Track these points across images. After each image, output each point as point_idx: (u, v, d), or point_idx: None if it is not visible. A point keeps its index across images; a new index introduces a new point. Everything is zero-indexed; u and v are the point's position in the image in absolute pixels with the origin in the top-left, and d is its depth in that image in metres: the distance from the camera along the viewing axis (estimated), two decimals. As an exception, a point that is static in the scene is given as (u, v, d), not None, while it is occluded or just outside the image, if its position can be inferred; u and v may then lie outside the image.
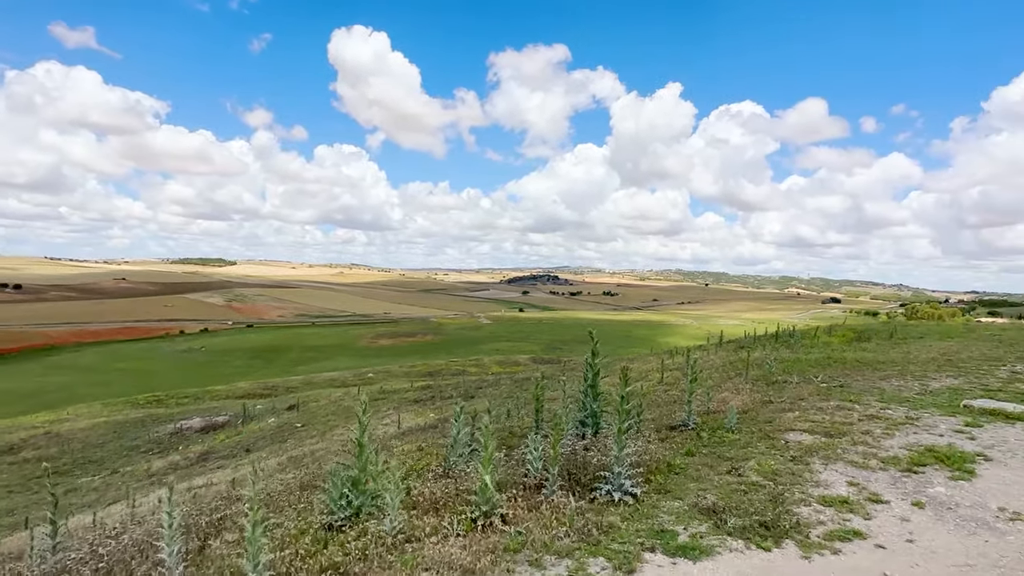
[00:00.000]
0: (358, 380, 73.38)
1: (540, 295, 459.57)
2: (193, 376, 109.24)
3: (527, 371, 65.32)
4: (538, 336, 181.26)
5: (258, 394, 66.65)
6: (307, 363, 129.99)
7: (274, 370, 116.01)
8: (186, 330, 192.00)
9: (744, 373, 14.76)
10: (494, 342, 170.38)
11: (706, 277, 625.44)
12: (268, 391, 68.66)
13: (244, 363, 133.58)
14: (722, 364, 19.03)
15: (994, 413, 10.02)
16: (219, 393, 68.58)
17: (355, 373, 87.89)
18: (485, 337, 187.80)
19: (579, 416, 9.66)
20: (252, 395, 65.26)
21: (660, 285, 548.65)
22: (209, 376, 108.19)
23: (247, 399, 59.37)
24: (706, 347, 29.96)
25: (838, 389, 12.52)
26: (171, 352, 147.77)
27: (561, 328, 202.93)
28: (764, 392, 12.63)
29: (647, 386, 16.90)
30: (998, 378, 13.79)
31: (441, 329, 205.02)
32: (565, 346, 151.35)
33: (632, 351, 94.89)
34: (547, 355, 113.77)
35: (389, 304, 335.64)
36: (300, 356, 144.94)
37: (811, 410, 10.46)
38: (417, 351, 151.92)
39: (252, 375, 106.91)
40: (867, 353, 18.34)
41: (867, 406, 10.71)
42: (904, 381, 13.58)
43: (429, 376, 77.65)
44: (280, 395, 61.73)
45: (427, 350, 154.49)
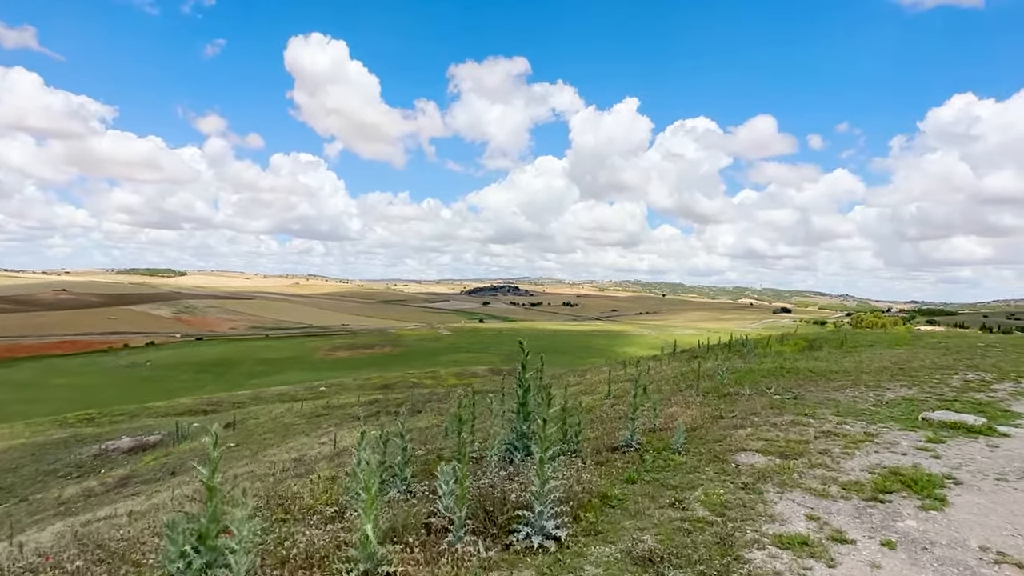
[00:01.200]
0: (309, 394, 70.52)
1: (501, 306, 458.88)
2: (135, 392, 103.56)
3: (485, 383, 63.94)
4: (498, 347, 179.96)
5: (201, 410, 63.20)
6: (260, 377, 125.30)
7: (224, 385, 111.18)
8: (131, 343, 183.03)
9: (695, 385, 13.92)
10: (454, 353, 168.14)
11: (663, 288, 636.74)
12: (212, 407, 65.23)
13: (192, 378, 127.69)
14: (673, 375, 18.22)
15: (955, 427, 9.34)
16: (158, 410, 64.75)
17: (307, 387, 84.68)
18: (445, 348, 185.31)
19: (509, 439, 8.50)
20: (195, 411, 61.82)
21: (619, 296, 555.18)
22: (152, 392, 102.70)
23: (189, 416, 56.09)
24: (659, 357, 29.35)
25: (792, 401, 11.75)
26: (113, 367, 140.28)
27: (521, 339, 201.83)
28: (715, 406, 11.75)
29: (594, 400, 15.89)
30: (952, 387, 13.32)
31: (400, 341, 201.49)
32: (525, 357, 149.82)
33: (591, 361, 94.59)
34: (506, 366, 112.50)
35: (347, 315, 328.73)
36: (252, 370, 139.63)
37: (764, 426, 9.58)
38: (375, 363, 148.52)
39: (200, 390, 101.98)
40: (819, 362, 17.83)
41: (823, 420, 9.91)
42: (858, 392, 12.95)
43: (384, 389, 75.40)
44: (225, 411, 58.67)
45: (385, 362, 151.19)
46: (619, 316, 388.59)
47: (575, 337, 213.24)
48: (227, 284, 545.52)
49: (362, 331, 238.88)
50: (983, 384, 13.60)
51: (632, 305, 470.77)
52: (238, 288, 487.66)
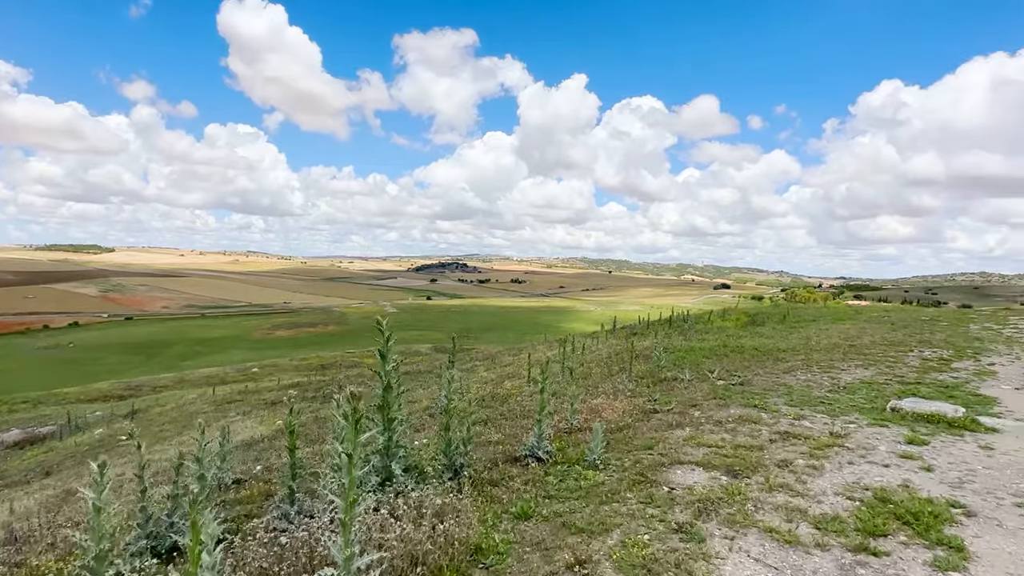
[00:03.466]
0: (240, 376, 66.17)
1: (449, 283, 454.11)
2: (52, 377, 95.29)
3: (428, 361, 61.44)
4: (445, 324, 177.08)
5: (117, 395, 58.16)
6: (194, 358, 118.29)
7: (154, 367, 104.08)
8: (52, 324, 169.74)
9: (629, 368, 11.97)
10: (400, 331, 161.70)
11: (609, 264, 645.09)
12: (131, 392, 60.14)
13: (119, 360, 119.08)
14: (608, 356, 16.31)
15: (932, 420, 7.63)
16: (68, 396, 59.17)
17: (239, 368, 79.81)
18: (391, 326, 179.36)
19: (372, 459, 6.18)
20: (109, 397, 56.75)
21: (566, 272, 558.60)
22: (73, 376, 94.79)
23: (101, 403, 51.23)
24: (598, 334, 27.62)
25: (738, 389, 9.89)
26: (30, 349, 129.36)
27: (469, 316, 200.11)
28: (648, 395, 9.76)
29: (515, 386, 13.76)
30: (910, 367, 11.85)
31: (344, 319, 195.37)
32: (472, 334, 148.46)
33: (538, 337, 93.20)
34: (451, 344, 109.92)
35: (289, 293, 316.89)
36: (187, 351, 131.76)
37: (707, 424, 7.60)
38: (317, 342, 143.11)
39: (127, 373, 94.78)
40: (764, 339, 16.29)
41: (777, 415, 8.04)
42: (811, 374, 11.28)
43: (320, 370, 71.71)
44: (145, 395, 54.12)
45: (328, 341, 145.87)
46: (566, 293, 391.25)
47: (522, 313, 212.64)
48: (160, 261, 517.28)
49: (304, 309, 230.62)
50: (943, 363, 12.21)
51: (579, 282, 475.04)
52: (172, 265, 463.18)
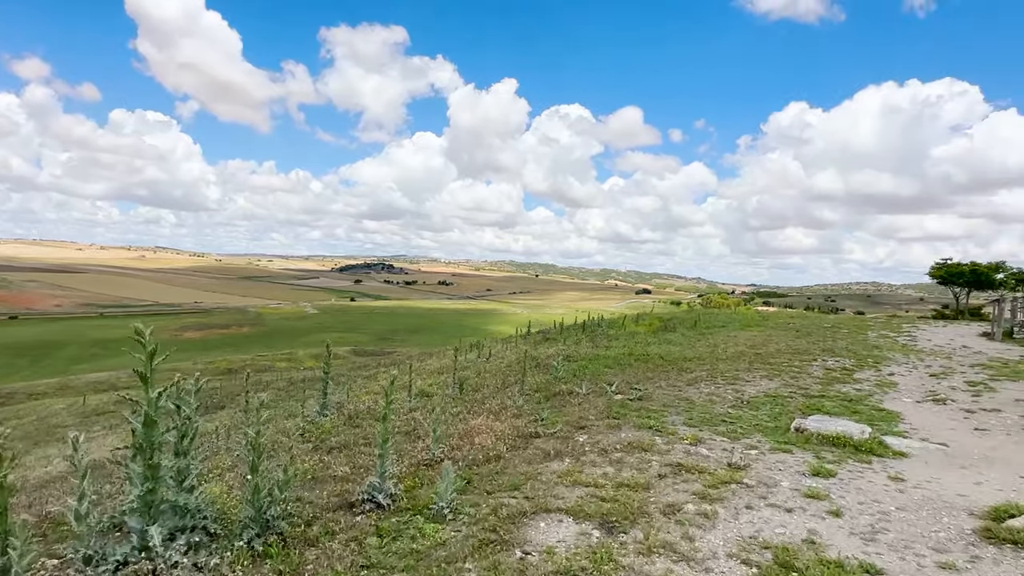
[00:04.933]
0: (133, 382, 60.29)
1: (374, 284, 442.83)
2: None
3: (346, 364, 58.53)
4: (369, 326, 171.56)
5: (-20, 405, 51.33)
6: (89, 361, 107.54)
7: (41, 371, 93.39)
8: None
9: (522, 381, 10.72)
10: (320, 333, 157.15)
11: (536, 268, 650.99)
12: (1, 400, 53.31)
13: (3, 363, 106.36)
14: (510, 364, 15.09)
15: (838, 442, 6.81)
16: (-82, 407, 51.69)
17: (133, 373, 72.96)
18: (311, 328, 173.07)
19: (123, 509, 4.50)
20: (-30, 406, 49.94)
21: (494, 275, 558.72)
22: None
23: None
24: (511, 339, 26.46)
25: (635, 405, 8.85)
26: None
27: (394, 317, 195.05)
28: (536, 413, 8.53)
29: (399, 400, 12.19)
30: (815, 378, 11.32)
31: (261, 320, 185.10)
32: (397, 336, 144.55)
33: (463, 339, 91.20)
34: (375, 346, 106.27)
35: (201, 292, 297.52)
36: (80, 353, 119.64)
37: (591, 454, 6.41)
38: (230, 344, 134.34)
39: (8, 378, 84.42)
40: (672, 346, 15.61)
41: (672, 438, 6.98)
42: (715, 386, 10.46)
43: (227, 374, 66.83)
44: (18, 403, 48.03)
45: (242, 343, 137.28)
46: (494, 295, 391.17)
47: (448, 316, 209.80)
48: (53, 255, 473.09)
49: (218, 309, 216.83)
50: (845, 373, 11.80)
51: (507, 285, 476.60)
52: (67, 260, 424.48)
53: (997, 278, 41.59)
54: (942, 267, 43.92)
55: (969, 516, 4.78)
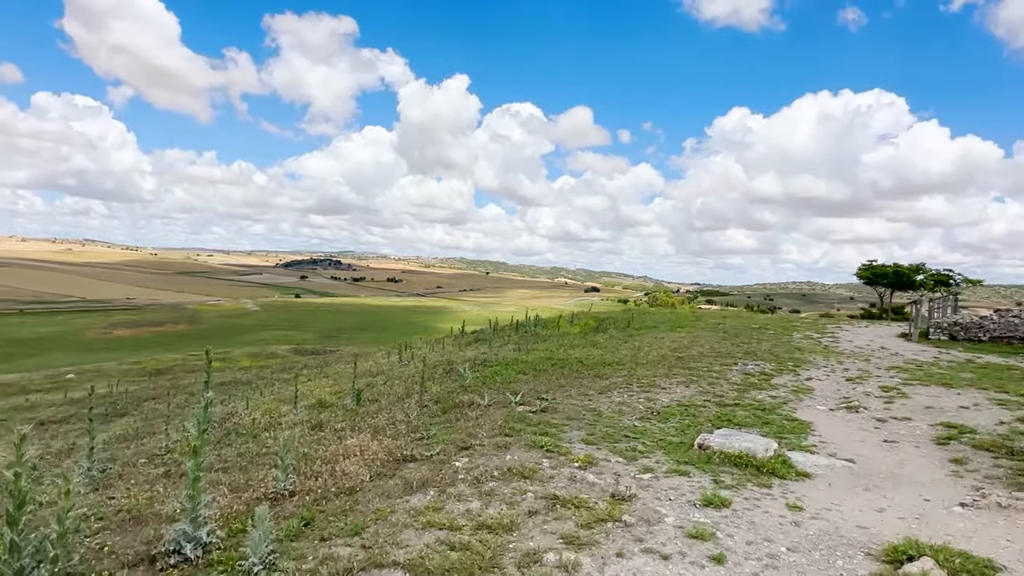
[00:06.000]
0: (48, 384, 55.49)
1: (320, 280, 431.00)
2: None
3: (285, 364, 55.99)
4: (314, 324, 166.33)
5: None
6: (8, 361, 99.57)
7: None
8: None
9: (420, 391, 9.80)
10: (261, 331, 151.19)
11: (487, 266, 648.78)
12: None
13: None
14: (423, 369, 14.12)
15: (740, 463, 6.22)
16: None
17: (49, 375, 67.58)
18: (252, 326, 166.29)
19: None
20: None
21: (444, 272, 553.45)
22: None
23: None
24: (443, 340, 25.46)
25: (536, 419, 8.08)
26: None
27: (340, 315, 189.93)
28: (423, 430, 7.64)
29: (284, 414, 11.04)
30: (732, 384, 10.88)
31: (198, 317, 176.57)
32: (343, 334, 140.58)
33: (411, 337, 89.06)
34: (319, 344, 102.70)
35: (135, 288, 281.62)
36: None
37: (462, 484, 5.58)
38: (164, 343, 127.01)
39: None
40: (597, 349, 15.02)
41: (563, 460, 6.22)
42: (629, 395, 9.85)
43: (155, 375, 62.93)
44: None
45: (175, 342, 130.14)
46: (444, 293, 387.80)
47: (397, 313, 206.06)
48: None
49: (152, 306, 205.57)
50: (764, 378, 11.43)
51: (457, 282, 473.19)
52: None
53: (917, 279, 43.49)
54: (868, 268, 45.62)
55: (866, 558, 4.19)
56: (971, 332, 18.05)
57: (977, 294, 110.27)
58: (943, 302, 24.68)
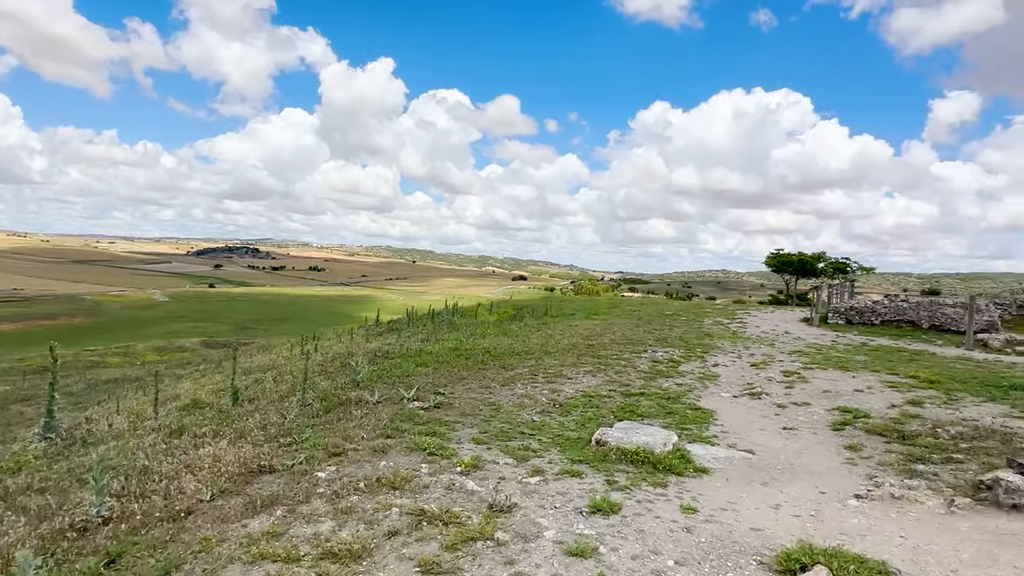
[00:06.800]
0: (-94, 385, 49.15)
1: (237, 269, 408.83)
2: None
3: (189, 358, 52.17)
4: (228, 315, 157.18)
5: None
6: None
7: None
8: None
9: (303, 388, 8.84)
10: (172, 323, 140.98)
11: (414, 254, 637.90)
12: None
13: None
14: (323, 362, 13.07)
15: (636, 459, 5.78)
16: None
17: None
18: (159, 318, 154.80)
19: None
20: None
21: (370, 261, 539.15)
22: None
23: None
24: (351, 330, 24.18)
25: (425, 417, 7.36)
26: None
27: (258, 305, 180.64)
28: (296, 433, 6.75)
29: (146, 417, 9.76)
30: (640, 372, 10.61)
31: (99, 309, 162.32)
32: (260, 325, 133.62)
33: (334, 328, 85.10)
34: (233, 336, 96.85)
35: (23, 278, 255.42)
36: None
37: (318, 500, 4.78)
38: (57, 337, 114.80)
39: None
40: (507, 338, 14.47)
41: (442, 467, 5.54)
42: (533, 386, 9.32)
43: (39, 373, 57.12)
44: None
45: (70, 336, 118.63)
46: (369, 282, 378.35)
47: (319, 303, 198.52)
48: None
49: (43, 297, 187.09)
50: (671, 365, 11.25)
51: (383, 271, 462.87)
52: None
53: (819, 267, 46.11)
54: (775, 257, 47.90)
55: (758, 568, 3.77)
56: (865, 316, 18.95)
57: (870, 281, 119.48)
58: (841, 288, 26.03)
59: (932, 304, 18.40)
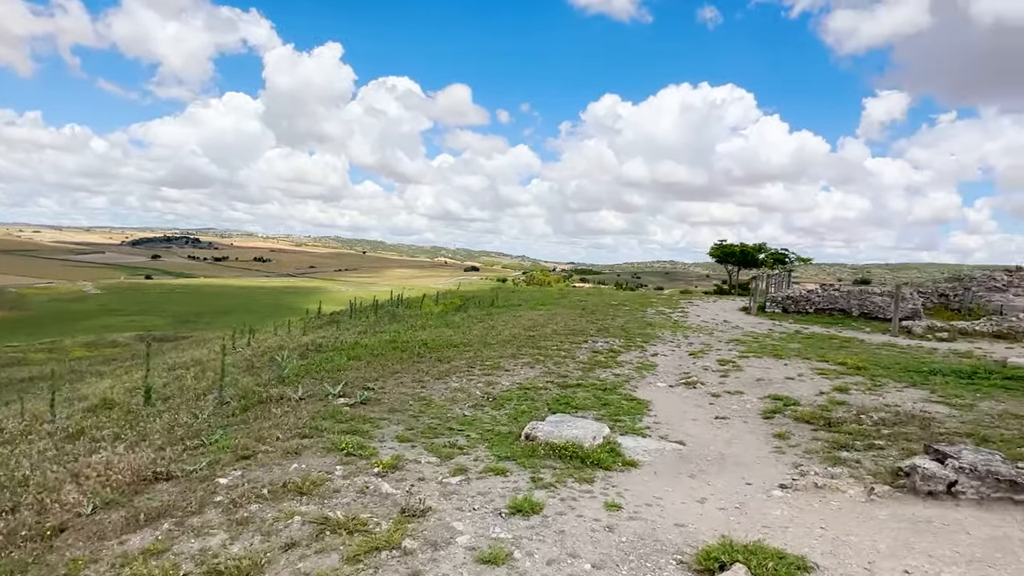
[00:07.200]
0: None
1: (176, 260, 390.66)
2: None
3: (124, 353, 49.34)
4: (167, 308, 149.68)
5: None
6: None
7: None
8: None
9: (220, 386, 8.28)
10: (105, 317, 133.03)
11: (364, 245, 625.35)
12: None
13: None
14: (252, 356, 12.41)
15: (565, 453, 5.58)
16: None
17: None
18: (92, 311, 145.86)
19: None
20: None
21: (318, 252, 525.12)
22: None
23: None
24: (287, 323, 23.24)
25: (349, 413, 6.97)
26: None
27: (199, 297, 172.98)
28: (207, 435, 6.25)
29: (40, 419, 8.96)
30: (579, 362, 10.48)
31: (23, 302, 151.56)
32: (202, 318, 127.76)
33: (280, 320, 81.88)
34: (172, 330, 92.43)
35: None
36: None
37: (212, 510, 4.36)
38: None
39: None
40: (448, 329, 14.13)
41: (359, 468, 5.19)
42: (468, 379, 9.04)
43: (-49, 372, 52.89)
44: None
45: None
46: (317, 273, 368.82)
47: (266, 295, 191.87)
48: None
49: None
50: (611, 355, 11.18)
51: (332, 261, 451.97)
52: None
53: (760, 257, 47.59)
54: (719, 248, 49.15)
55: (678, 568, 3.62)
56: (800, 305, 19.53)
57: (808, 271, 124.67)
58: (779, 278, 26.84)
59: (862, 293, 19.12)
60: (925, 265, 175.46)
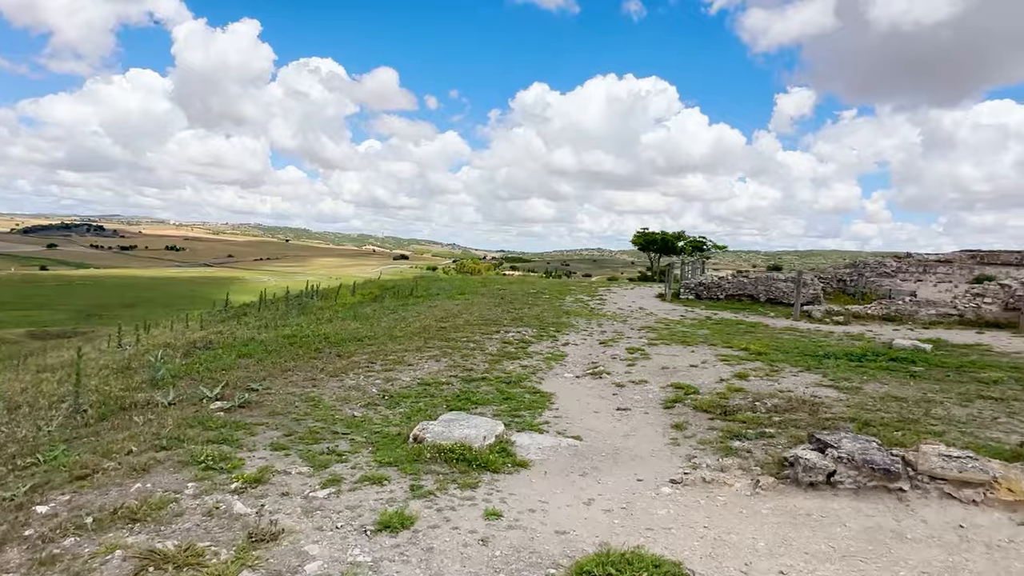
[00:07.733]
0: None
1: (76, 249, 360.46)
2: None
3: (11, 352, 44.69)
4: (67, 301, 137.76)
5: None
6: None
7: None
8: None
9: (76, 393, 7.36)
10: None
11: (287, 233, 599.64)
12: None
13: None
14: (131, 356, 11.28)
15: (452, 456, 5.21)
16: None
17: None
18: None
19: None
20: None
21: (237, 240, 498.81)
22: None
23: None
24: (186, 317, 21.65)
25: (222, 418, 6.31)
26: None
27: (103, 289, 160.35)
28: (46, 450, 5.45)
29: None
30: (488, 354, 10.16)
31: None
32: (107, 312, 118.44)
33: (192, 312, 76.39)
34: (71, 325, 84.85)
35: None
36: None
37: (16, 547, 3.67)
38: None
39: None
40: (355, 322, 13.46)
41: (214, 486, 4.60)
42: (367, 375, 8.51)
43: None
44: None
45: None
46: (236, 262, 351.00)
47: (180, 286, 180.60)
48: None
49: None
50: (521, 346, 10.94)
51: (252, 250, 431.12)
52: None
53: (679, 244, 49.23)
54: (641, 235, 50.47)
55: (549, 584, 3.33)
56: (712, 291, 20.13)
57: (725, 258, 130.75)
58: (695, 265, 27.66)
59: (768, 279, 19.93)
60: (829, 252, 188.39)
